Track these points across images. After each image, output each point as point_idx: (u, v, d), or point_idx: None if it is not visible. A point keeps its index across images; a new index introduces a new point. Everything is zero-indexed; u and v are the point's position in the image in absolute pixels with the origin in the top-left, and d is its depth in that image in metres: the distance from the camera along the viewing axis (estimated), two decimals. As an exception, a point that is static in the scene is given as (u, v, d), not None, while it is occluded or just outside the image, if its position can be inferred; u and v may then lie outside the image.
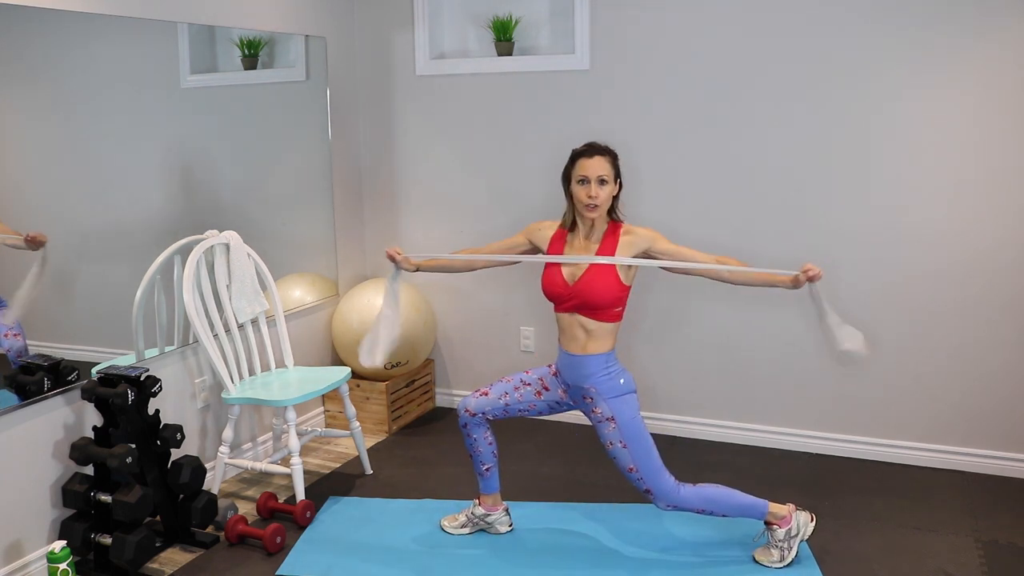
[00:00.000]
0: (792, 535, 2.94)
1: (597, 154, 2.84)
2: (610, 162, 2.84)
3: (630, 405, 2.87)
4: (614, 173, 2.84)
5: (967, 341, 3.62)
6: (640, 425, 2.87)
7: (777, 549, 2.94)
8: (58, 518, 3.02)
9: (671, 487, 2.87)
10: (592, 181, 2.80)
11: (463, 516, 3.25)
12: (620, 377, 2.88)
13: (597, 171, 2.81)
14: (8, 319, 2.90)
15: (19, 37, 2.86)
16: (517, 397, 3.07)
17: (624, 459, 2.87)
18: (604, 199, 2.81)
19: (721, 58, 3.78)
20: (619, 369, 2.90)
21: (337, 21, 4.29)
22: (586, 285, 2.83)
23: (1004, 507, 3.37)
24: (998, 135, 3.44)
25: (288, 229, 4.16)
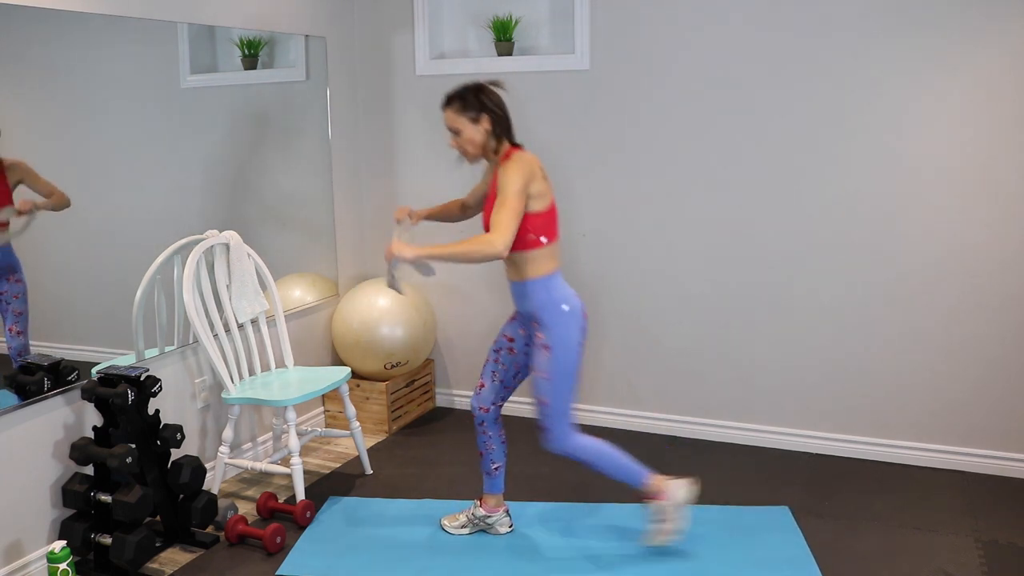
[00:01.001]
0: (672, 504, 2.98)
1: (445, 107, 2.89)
2: (457, 110, 2.85)
3: (569, 337, 2.86)
4: (468, 116, 2.84)
5: (967, 341, 3.62)
6: (571, 362, 2.87)
7: (660, 523, 2.99)
8: (58, 518, 3.02)
9: (567, 432, 2.91)
10: (450, 133, 2.90)
11: (464, 516, 3.26)
12: (563, 303, 2.87)
13: (447, 123, 2.89)
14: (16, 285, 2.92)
15: (19, 37, 2.86)
16: (502, 367, 3.09)
17: (542, 389, 2.88)
18: (465, 144, 2.87)
19: (721, 58, 3.78)
20: (562, 293, 2.89)
21: (337, 21, 4.29)
22: (485, 216, 2.91)
23: (1004, 507, 3.37)
24: (996, 135, 3.44)
25: (288, 229, 4.16)
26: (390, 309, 4.15)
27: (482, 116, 2.85)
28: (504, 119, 2.88)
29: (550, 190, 2.89)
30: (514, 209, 2.73)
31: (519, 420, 4.36)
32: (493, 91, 2.89)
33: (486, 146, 2.87)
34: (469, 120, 2.84)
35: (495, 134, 2.87)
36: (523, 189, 2.75)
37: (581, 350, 2.91)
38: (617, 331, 4.18)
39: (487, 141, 2.87)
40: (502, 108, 2.89)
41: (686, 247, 3.98)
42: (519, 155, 2.84)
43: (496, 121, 2.86)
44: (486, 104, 2.85)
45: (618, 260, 4.12)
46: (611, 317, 4.17)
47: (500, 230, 2.70)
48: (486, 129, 2.85)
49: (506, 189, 2.74)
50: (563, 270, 4.17)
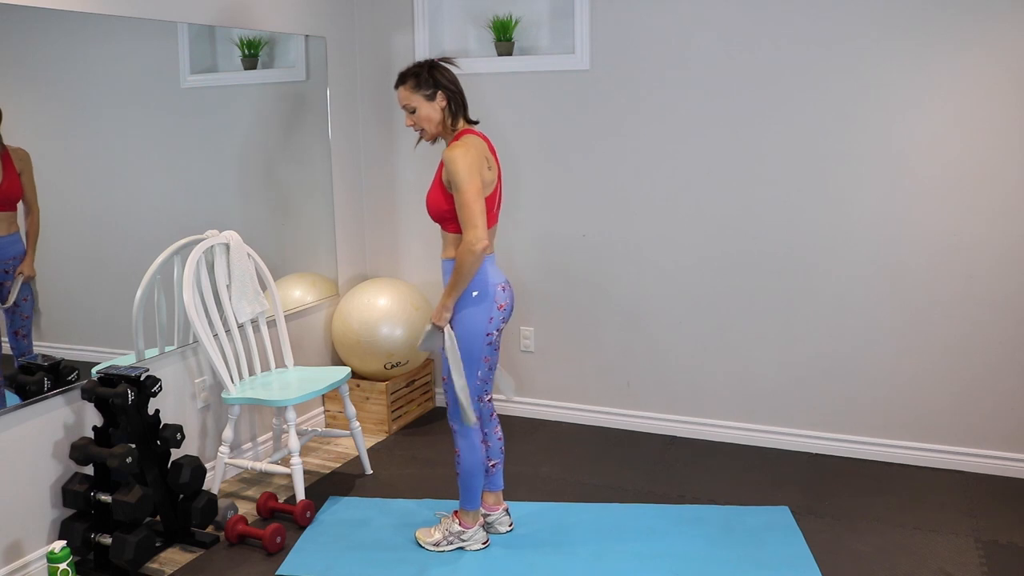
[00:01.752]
0: (462, 538, 3.08)
1: (399, 85, 2.89)
2: (411, 87, 2.85)
3: (475, 317, 2.86)
4: (423, 93, 2.84)
5: (967, 341, 3.62)
6: (474, 339, 2.88)
7: (442, 534, 3.08)
8: (58, 518, 3.02)
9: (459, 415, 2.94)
10: (405, 113, 2.90)
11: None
12: (475, 289, 2.86)
13: (401, 102, 2.89)
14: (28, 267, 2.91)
15: (19, 37, 2.86)
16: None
17: (445, 366, 2.90)
18: (421, 122, 2.87)
19: (721, 58, 3.78)
20: (481, 279, 2.86)
21: (337, 21, 4.29)
22: (427, 196, 2.91)
23: (1004, 507, 3.38)
24: (995, 135, 3.44)
25: (288, 229, 4.16)
26: (390, 309, 4.15)
27: (437, 93, 2.85)
28: (459, 95, 2.88)
29: (498, 174, 2.90)
30: (474, 202, 2.73)
31: (520, 420, 4.37)
32: (446, 68, 2.89)
33: (444, 123, 2.88)
34: (424, 97, 2.85)
35: (451, 111, 2.87)
36: (473, 175, 2.74)
37: (488, 339, 2.90)
38: (617, 331, 4.18)
39: (444, 118, 2.87)
40: (456, 85, 2.89)
41: (686, 247, 3.98)
42: (466, 139, 2.82)
43: (451, 98, 2.86)
44: (440, 81, 2.85)
45: (618, 259, 4.12)
46: (611, 317, 4.17)
47: (470, 227, 2.73)
48: (442, 106, 2.86)
49: (459, 186, 2.74)
50: (563, 271, 4.20)
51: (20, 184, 2.88)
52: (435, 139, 2.94)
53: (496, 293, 2.89)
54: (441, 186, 2.84)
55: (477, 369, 2.93)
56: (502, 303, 2.91)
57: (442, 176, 2.83)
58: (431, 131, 2.89)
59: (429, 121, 2.87)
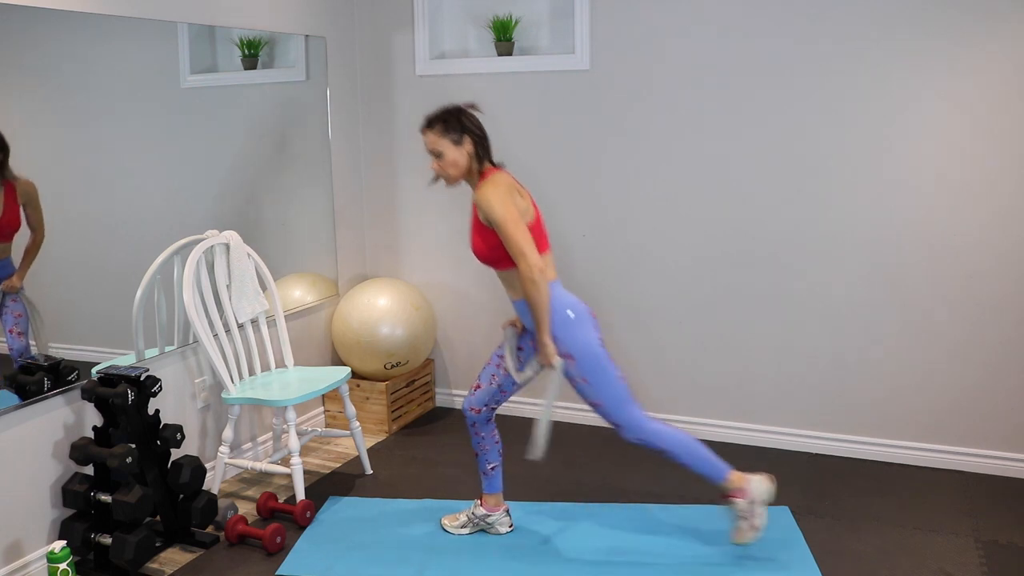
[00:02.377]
0: (753, 501, 2.94)
1: (426, 129, 2.88)
2: (439, 132, 2.84)
3: (584, 337, 2.85)
4: (450, 138, 2.83)
5: (967, 340, 3.62)
6: (598, 357, 2.86)
7: (745, 520, 2.94)
8: (58, 518, 3.02)
9: (638, 419, 2.89)
10: (431, 156, 2.89)
11: (464, 516, 3.26)
12: (566, 309, 2.85)
13: (428, 147, 2.88)
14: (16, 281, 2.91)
15: (19, 37, 2.86)
16: (503, 372, 3.08)
17: (588, 394, 2.88)
18: (447, 167, 2.86)
19: (722, 57, 3.78)
20: (563, 301, 2.86)
21: (337, 21, 4.29)
22: (472, 242, 2.90)
23: (1004, 507, 3.38)
24: (999, 136, 3.44)
25: (288, 229, 4.16)
26: (390, 309, 4.15)
27: (464, 138, 2.84)
28: (484, 141, 2.89)
29: (531, 203, 2.89)
30: (516, 231, 2.73)
31: (520, 420, 4.36)
32: (472, 114, 2.89)
33: (469, 169, 2.87)
34: (451, 142, 2.84)
35: (477, 156, 2.87)
36: (508, 207, 2.74)
37: (602, 344, 2.89)
38: (617, 331, 4.18)
39: (470, 164, 2.87)
40: (482, 130, 2.89)
41: (686, 247, 3.98)
42: (493, 178, 2.83)
43: (478, 143, 2.86)
44: (468, 126, 2.85)
45: (618, 260, 4.12)
46: (611, 317, 4.17)
47: (520, 256, 2.73)
48: (469, 152, 2.85)
49: (497, 220, 2.74)
50: (563, 272, 4.20)
51: (19, 217, 2.88)
52: (457, 183, 2.92)
53: (584, 308, 2.90)
54: (481, 226, 2.83)
55: (615, 371, 2.89)
56: (592, 312, 2.92)
57: (479, 218, 2.82)
58: (455, 176, 2.88)
59: (455, 166, 2.85)
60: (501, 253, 2.82)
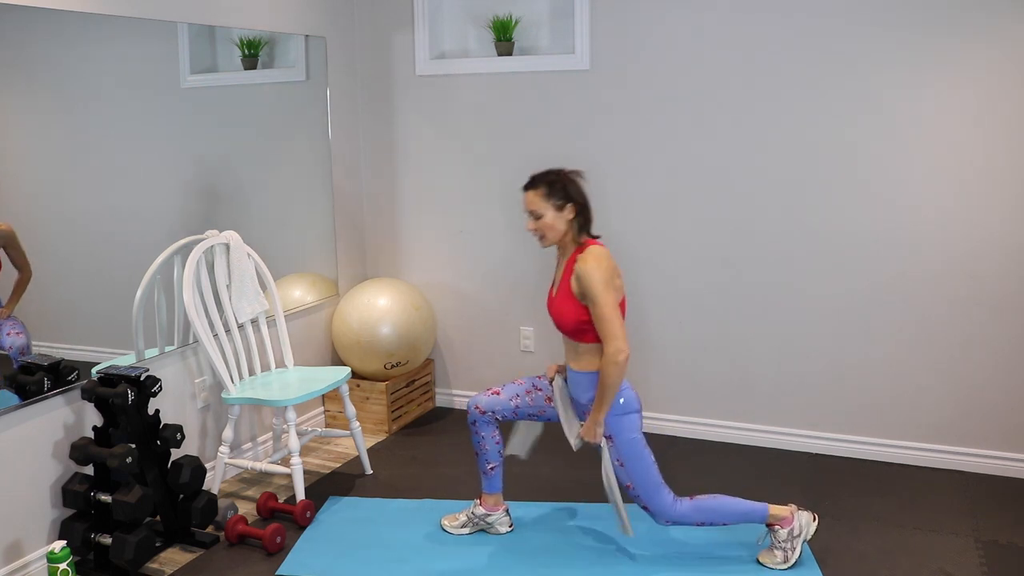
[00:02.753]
0: (795, 535, 2.93)
1: (529, 188, 2.88)
2: (542, 194, 2.84)
3: (629, 424, 2.87)
4: (553, 202, 2.83)
5: (967, 341, 3.62)
6: (639, 445, 2.87)
7: (780, 550, 2.94)
8: (58, 518, 3.02)
9: (668, 504, 2.89)
10: (529, 216, 2.87)
11: (464, 516, 3.26)
12: (620, 396, 2.86)
13: (528, 206, 2.87)
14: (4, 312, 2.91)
15: (19, 37, 2.86)
16: (528, 401, 3.09)
17: (622, 477, 2.90)
18: (544, 229, 2.85)
19: (722, 57, 3.78)
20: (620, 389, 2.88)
21: (337, 21, 4.29)
22: (553, 307, 2.90)
23: (1004, 507, 3.37)
24: (999, 135, 3.44)
25: (288, 229, 4.16)
26: (390, 309, 4.15)
27: (567, 205, 2.84)
28: (587, 211, 2.88)
29: (623, 286, 2.89)
30: (614, 315, 2.74)
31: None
32: (577, 181, 2.88)
33: (566, 235, 2.87)
34: (553, 207, 2.83)
35: (578, 224, 2.86)
36: (608, 287, 2.76)
37: (641, 430, 2.90)
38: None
39: (568, 230, 2.86)
40: (586, 199, 2.88)
41: (686, 247, 3.98)
42: (596, 252, 2.82)
43: (580, 212, 2.86)
44: (572, 194, 2.85)
45: (618, 260, 4.09)
46: (611, 317, 4.17)
47: (611, 339, 2.73)
48: (569, 219, 2.85)
49: (596, 298, 2.74)
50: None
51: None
52: (550, 245, 2.91)
53: (634, 396, 2.90)
54: (572, 297, 2.82)
55: (650, 457, 2.90)
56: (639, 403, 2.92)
57: (572, 287, 2.82)
58: (551, 239, 2.87)
59: (552, 230, 2.85)
60: (587, 327, 2.82)
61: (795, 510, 2.96)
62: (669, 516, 2.89)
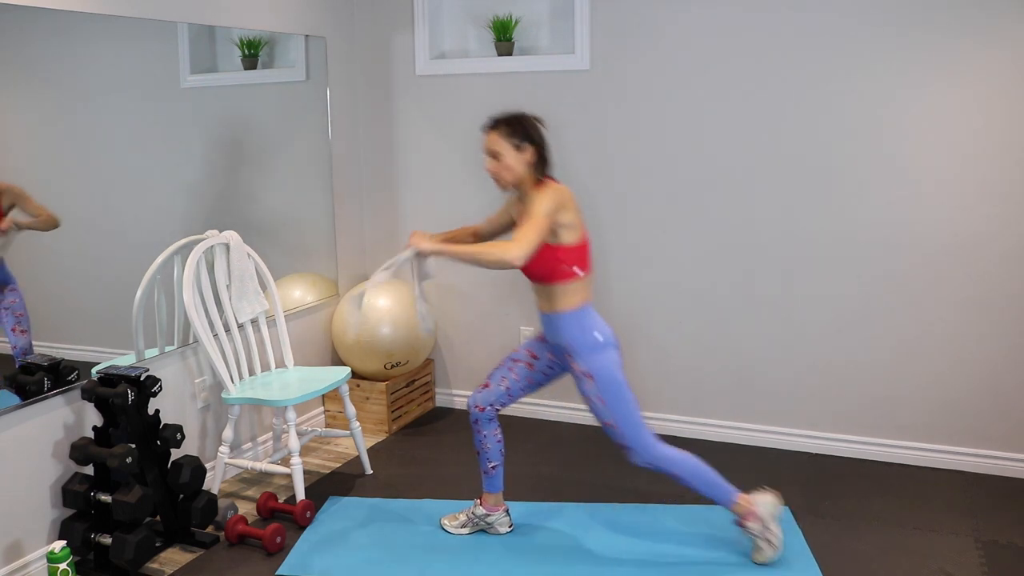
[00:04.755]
0: (765, 521, 2.94)
1: (490, 129, 2.89)
2: (502, 134, 2.84)
3: (607, 361, 2.87)
4: (511, 142, 2.83)
5: (967, 340, 3.62)
6: (618, 381, 2.88)
7: (763, 541, 2.94)
8: (58, 518, 3.02)
9: (649, 443, 2.90)
10: (488, 156, 2.88)
11: (463, 516, 3.26)
12: (595, 331, 2.88)
13: (488, 146, 2.88)
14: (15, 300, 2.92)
15: (19, 37, 2.86)
16: (514, 377, 3.10)
17: (603, 414, 2.89)
18: (502, 170, 2.85)
19: (722, 57, 3.78)
20: (593, 323, 2.89)
21: (337, 21, 4.29)
22: None
23: (1004, 507, 3.38)
24: (999, 135, 3.44)
25: (288, 229, 4.16)
26: (390, 309, 4.15)
27: (526, 146, 2.84)
28: (546, 155, 2.88)
29: (582, 224, 2.89)
30: (538, 227, 2.73)
31: (520, 421, 4.36)
32: (538, 125, 2.89)
33: (523, 177, 2.87)
34: (512, 146, 2.84)
35: (535, 167, 2.87)
36: (552, 213, 2.75)
37: (622, 367, 2.91)
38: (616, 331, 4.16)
39: (526, 173, 2.86)
40: (545, 144, 2.88)
41: (686, 246, 3.98)
42: (555, 186, 2.84)
43: (539, 155, 2.87)
44: (532, 135, 2.85)
45: (618, 260, 4.12)
46: (610, 317, 4.16)
47: (520, 242, 2.71)
48: (528, 161, 2.85)
49: (535, 209, 2.75)
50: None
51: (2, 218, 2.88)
52: (508, 188, 2.91)
53: (611, 332, 2.93)
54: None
55: (630, 395, 2.91)
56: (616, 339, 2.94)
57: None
58: (508, 180, 2.87)
59: (510, 171, 2.85)
60: (556, 264, 2.83)
61: (751, 500, 2.94)
62: (648, 456, 2.89)
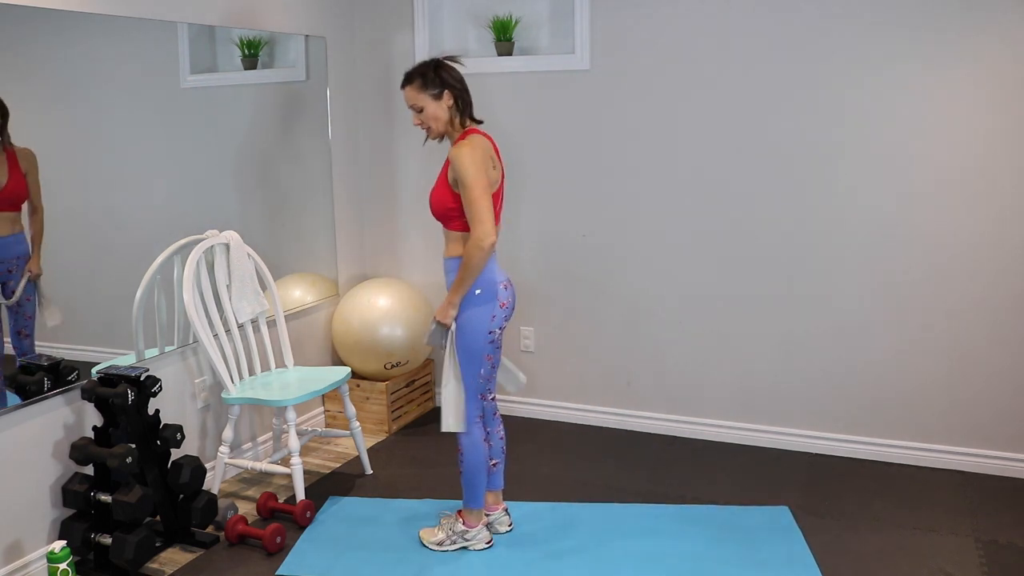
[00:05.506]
0: (465, 538, 3.07)
1: (405, 85, 2.91)
2: (418, 87, 2.87)
3: (475, 317, 2.88)
4: (430, 93, 2.85)
5: (967, 341, 3.62)
6: (474, 341, 2.89)
7: (445, 533, 3.08)
8: (58, 518, 3.02)
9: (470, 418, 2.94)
10: (412, 112, 2.92)
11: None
12: (477, 287, 2.86)
13: (408, 101, 2.91)
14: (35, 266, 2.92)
15: (19, 37, 2.86)
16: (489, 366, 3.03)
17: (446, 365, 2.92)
18: (429, 120, 2.88)
19: (721, 57, 3.78)
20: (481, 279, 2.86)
21: (337, 21, 4.29)
22: (431, 194, 2.92)
23: (1004, 507, 3.38)
24: (999, 134, 3.44)
25: (288, 229, 4.16)
26: (390, 309, 4.15)
27: (444, 92, 2.87)
28: (465, 94, 2.91)
29: (500, 176, 2.91)
30: (481, 198, 2.75)
31: (520, 420, 4.36)
32: (452, 67, 2.91)
33: (451, 122, 2.89)
34: (431, 97, 2.86)
35: (458, 109, 2.89)
36: (479, 173, 2.76)
37: (491, 336, 2.91)
38: (617, 331, 4.18)
39: (451, 117, 2.89)
40: (462, 83, 2.91)
41: (686, 247, 3.98)
42: (472, 139, 2.84)
43: (458, 96, 2.88)
44: (447, 80, 2.87)
45: (617, 260, 4.12)
46: (611, 317, 4.17)
47: (478, 223, 2.75)
48: (448, 105, 2.87)
49: (465, 180, 2.76)
50: (564, 271, 4.20)
51: (25, 185, 2.88)
52: (442, 137, 2.95)
53: (499, 291, 2.91)
54: (446, 184, 2.86)
55: (480, 367, 2.94)
56: (504, 301, 2.92)
57: (447, 174, 2.85)
58: (437, 129, 2.91)
59: (436, 120, 2.88)
60: (455, 214, 2.85)
61: (484, 522, 3.09)
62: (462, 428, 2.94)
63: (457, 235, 2.90)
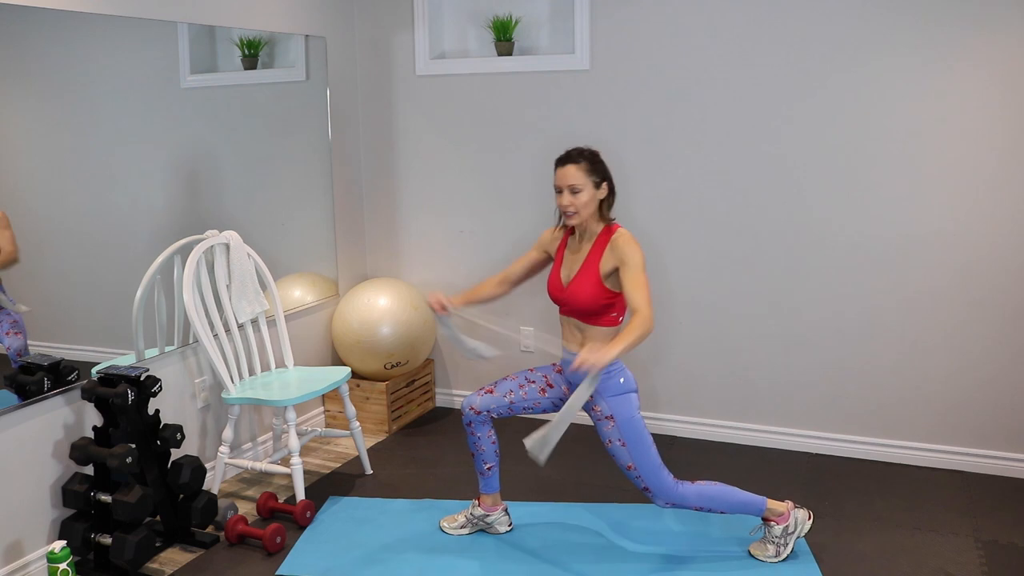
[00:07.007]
0: (789, 532, 2.96)
1: (569, 163, 2.84)
2: (584, 169, 2.82)
3: (629, 404, 2.86)
4: (592, 179, 2.82)
5: (967, 341, 3.62)
6: (639, 424, 2.86)
7: (773, 544, 2.96)
8: (58, 518, 3.02)
9: (669, 485, 2.87)
10: (564, 190, 2.83)
11: (462, 516, 3.25)
12: (620, 376, 2.86)
13: (568, 180, 2.82)
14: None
15: (19, 37, 2.86)
16: (522, 395, 3.08)
17: (623, 457, 2.87)
18: (580, 206, 2.82)
19: (721, 57, 3.78)
20: (619, 368, 2.88)
21: (337, 21, 4.29)
22: (574, 289, 2.86)
23: (1004, 507, 3.38)
24: (1001, 138, 3.44)
25: (288, 229, 4.16)
26: (390, 309, 4.15)
27: (604, 183, 2.84)
28: (614, 193, 2.88)
29: None
30: (647, 285, 2.72)
31: (520, 421, 4.35)
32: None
33: (594, 214, 2.85)
34: (593, 183, 2.82)
35: (608, 203, 2.87)
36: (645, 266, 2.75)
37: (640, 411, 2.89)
38: (617, 331, 4.18)
39: (598, 209, 2.85)
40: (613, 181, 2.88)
41: (687, 247, 3.98)
42: (628, 234, 2.82)
43: (612, 190, 2.86)
44: (608, 172, 2.85)
45: (618, 260, 4.11)
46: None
47: (647, 304, 2.68)
48: (602, 197, 2.84)
49: (637, 266, 2.72)
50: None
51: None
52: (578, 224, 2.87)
53: (631, 376, 2.91)
54: (599, 279, 2.80)
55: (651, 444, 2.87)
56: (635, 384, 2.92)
57: (600, 267, 2.80)
58: (583, 216, 2.83)
59: (586, 207, 2.82)
60: (605, 310, 2.82)
61: (792, 507, 2.97)
62: (670, 497, 2.88)
63: (603, 331, 2.84)
